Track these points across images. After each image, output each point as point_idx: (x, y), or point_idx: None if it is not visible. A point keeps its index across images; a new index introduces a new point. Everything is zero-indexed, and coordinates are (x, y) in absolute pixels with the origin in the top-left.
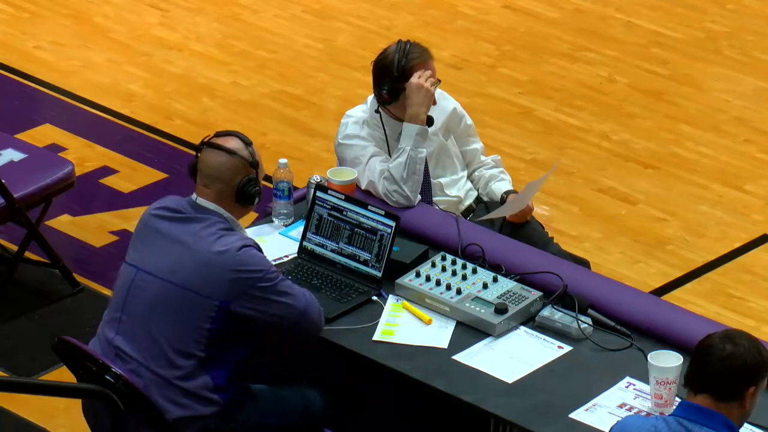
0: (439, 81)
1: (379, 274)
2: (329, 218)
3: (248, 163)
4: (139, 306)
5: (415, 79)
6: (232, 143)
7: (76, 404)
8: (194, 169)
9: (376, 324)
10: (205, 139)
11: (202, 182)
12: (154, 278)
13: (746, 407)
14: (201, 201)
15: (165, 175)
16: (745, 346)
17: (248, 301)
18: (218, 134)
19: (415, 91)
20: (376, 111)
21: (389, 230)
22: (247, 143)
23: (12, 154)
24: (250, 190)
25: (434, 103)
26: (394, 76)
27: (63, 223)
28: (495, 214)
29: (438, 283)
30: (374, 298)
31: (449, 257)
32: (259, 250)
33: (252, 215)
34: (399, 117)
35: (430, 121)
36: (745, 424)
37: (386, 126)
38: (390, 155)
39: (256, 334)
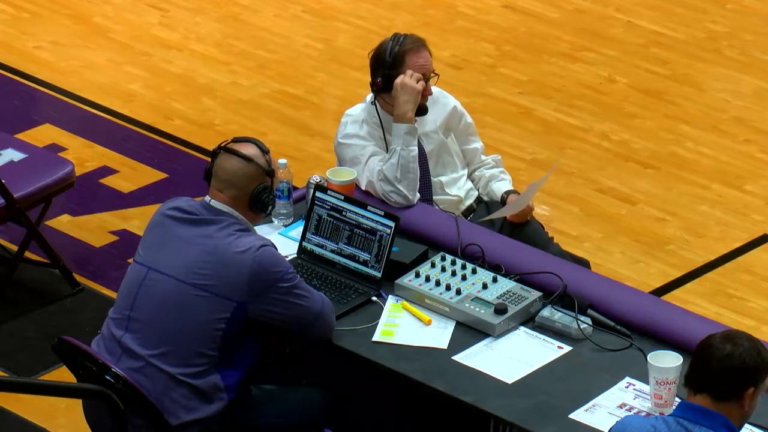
0: (437, 75)
1: (379, 275)
2: (329, 218)
3: (264, 172)
4: (151, 305)
5: (400, 78)
6: (250, 150)
7: (77, 404)
8: (209, 174)
9: (376, 324)
10: (223, 144)
11: (216, 186)
12: (167, 278)
13: (746, 408)
14: (215, 203)
15: (165, 175)
16: (745, 347)
17: (266, 301)
18: (236, 140)
19: (400, 90)
20: (372, 102)
21: (389, 230)
22: (265, 151)
23: (12, 154)
24: (263, 198)
25: (429, 92)
26: (388, 63)
27: (63, 223)
28: (496, 215)
29: (438, 283)
30: (374, 298)
31: (449, 257)
32: (276, 249)
33: None
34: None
35: (424, 110)
36: (746, 425)
37: (382, 118)
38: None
39: (267, 334)
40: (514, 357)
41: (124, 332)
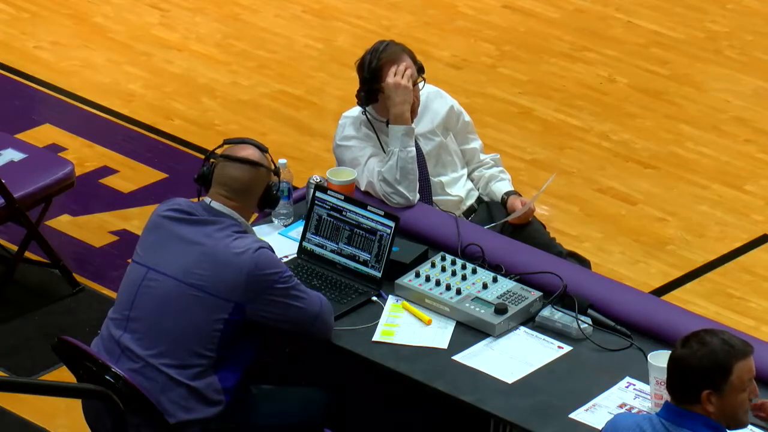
0: (424, 81)
1: (379, 275)
2: (329, 218)
3: (271, 172)
4: (149, 305)
5: (391, 78)
6: (253, 153)
7: (77, 404)
8: (206, 178)
9: (376, 324)
10: (219, 149)
11: (224, 194)
12: (166, 278)
13: (710, 410)
14: (216, 205)
15: (165, 175)
16: (704, 348)
17: (263, 303)
18: (229, 141)
19: (394, 91)
20: (363, 112)
21: (389, 230)
22: (263, 150)
23: (12, 154)
24: (272, 196)
25: (417, 100)
26: (365, 78)
27: (63, 223)
28: (500, 223)
29: (438, 283)
30: (374, 298)
31: (449, 257)
32: (273, 252)
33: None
34: (384, 116)
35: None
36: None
37: (374, 124)
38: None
39: (265, 336)
40: (514, 357)
41: (123, 332)
